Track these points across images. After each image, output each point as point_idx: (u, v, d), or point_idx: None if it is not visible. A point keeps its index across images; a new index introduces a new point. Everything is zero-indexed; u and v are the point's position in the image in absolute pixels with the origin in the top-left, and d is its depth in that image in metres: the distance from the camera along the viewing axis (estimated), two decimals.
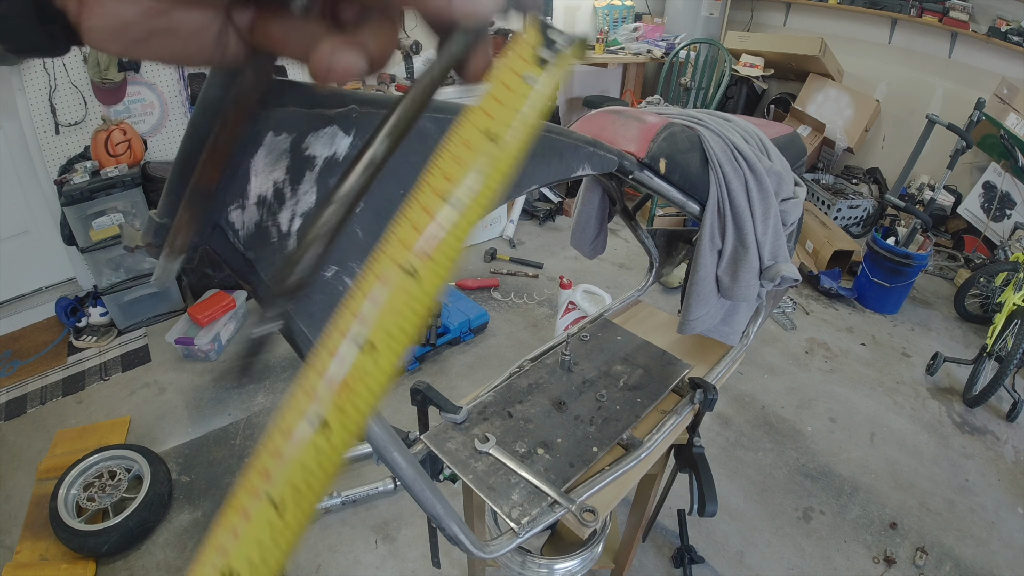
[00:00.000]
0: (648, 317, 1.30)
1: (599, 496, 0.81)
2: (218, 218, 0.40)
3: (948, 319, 3.04)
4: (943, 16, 3.63)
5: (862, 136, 4.03)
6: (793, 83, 4.56)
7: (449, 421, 0.90)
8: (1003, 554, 1.74)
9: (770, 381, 2.45)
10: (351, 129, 0.44)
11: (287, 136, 0.41)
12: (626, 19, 4.50)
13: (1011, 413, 2.30)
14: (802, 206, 1.02)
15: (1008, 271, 2.77)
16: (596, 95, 4.53)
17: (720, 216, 0.90)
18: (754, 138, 0.96)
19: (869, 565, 1.68)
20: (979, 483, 1.99)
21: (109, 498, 1.70)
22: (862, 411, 2.31)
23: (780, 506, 1.85)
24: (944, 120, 2.88)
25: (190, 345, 2.37)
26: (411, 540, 1.68)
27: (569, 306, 2.40)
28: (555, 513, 0.76)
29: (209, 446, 2.00)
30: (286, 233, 0.43)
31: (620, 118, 0.89)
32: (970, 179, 3.66)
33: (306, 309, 0.46)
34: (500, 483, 0.79)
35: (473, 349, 2.56)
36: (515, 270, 3.25)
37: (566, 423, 0.91)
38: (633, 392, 0.99)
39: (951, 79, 3.80)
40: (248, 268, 0.42)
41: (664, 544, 1.71)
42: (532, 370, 1.04)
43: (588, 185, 1.09)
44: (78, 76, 2.50)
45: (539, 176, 0.62)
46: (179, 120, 2.80)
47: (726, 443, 2.10)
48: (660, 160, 0.84)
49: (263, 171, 0.41)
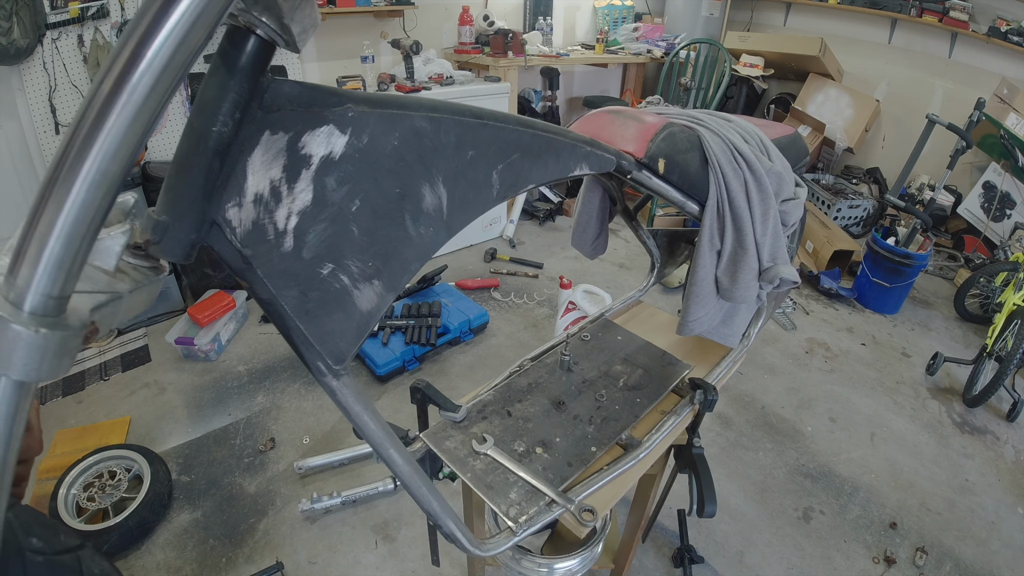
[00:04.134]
0: (649, 318, 1.30)
1: (597, 495, 0.81)
2: (215, 215, 0.41)
3: (948, 319, 3.04)
4: (943, 16, 3.63)
5: (862, 136, 4.03)
6: (793, 83, 4.56)
7: (448, 420, 0.90)
8: (1003, 554, 1.74)
9: (770, 381, 2.45)
10: (347, 128, 0.44)
11: (283, 135, 0.41)
12: (626, 19, 4.50)
13: (1011, 413, 2.30)
14: (803, 207, 1.02)
15: (1008, 271, 2.77)
16: (596, 95, 4.53)
17: (719, 217, 0.89)
18: (754, 138, 0.96)
19: (869, 565, 1.68)
20: (979, 483, 1.99)
21: (109, 498, 1.70)
22: (862, 411, 2.31)
23: (780, 506, 1.85)
24: (944, 120, 2.88)
25: (190, 345, 2.37)
26: (411, 540, 1.68)
27: (569, 306, 2.40)
28: (553, 512, 0.76)
29: (209, 446, 2.00)
30: (283, 231, 0.44)
31: (619, 118, 0.89)
32: (970, 179, 3.66)
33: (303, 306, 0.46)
34: (498, 482, 0.79)
35: (473, 349, 2.56)
36: (515, 270, 3.25)
37: (565, 423, 0.91)
38: (633, 392, 0.99)
39: (951, 79, 3.80)
40: (246, 265, 0.43)
41: (664, 544, 1.71)
42: (532, 369, 1.04)
43: (588, 185, 1.09)
44: (78, 76, 2.50)
45: (536, 175, 0.62)
46: (178, 119, 2.80)
47: (726, 443, 2.10)
48: (659, 160, 0.83)
49: (260, 169, 0.41)
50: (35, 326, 0.30)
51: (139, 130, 0.29)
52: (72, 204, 0.29)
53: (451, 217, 0.54)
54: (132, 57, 0.28)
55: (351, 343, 0.49)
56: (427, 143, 0.50)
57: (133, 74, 0.28)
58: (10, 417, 0.32)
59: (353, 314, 0.49)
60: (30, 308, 0.30)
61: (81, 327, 0.33)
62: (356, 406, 0.53)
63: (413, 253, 0.52)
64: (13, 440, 0.33)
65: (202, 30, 0.29)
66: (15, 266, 0.30)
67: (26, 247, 0.30)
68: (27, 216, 0.30)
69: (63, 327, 0.31)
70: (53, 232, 0.29)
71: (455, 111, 0.52)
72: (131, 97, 0.28)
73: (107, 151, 0.29)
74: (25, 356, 0.30)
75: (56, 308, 0.31)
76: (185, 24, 0.28)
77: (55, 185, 0.29)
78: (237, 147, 0.40)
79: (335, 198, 0.45)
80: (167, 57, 0.28)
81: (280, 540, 1.67)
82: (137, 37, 0.28)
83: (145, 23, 0.28)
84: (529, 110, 3.98)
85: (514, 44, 3.39)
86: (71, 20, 2.40)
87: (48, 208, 0.29)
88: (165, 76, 0.29)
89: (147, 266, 0.44)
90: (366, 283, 0.49)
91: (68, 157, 0.29)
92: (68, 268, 0.31)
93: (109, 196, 0.30)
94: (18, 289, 0.30)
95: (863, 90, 4.11)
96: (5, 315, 0.29)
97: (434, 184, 0.52)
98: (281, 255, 0.44)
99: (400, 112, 0.47)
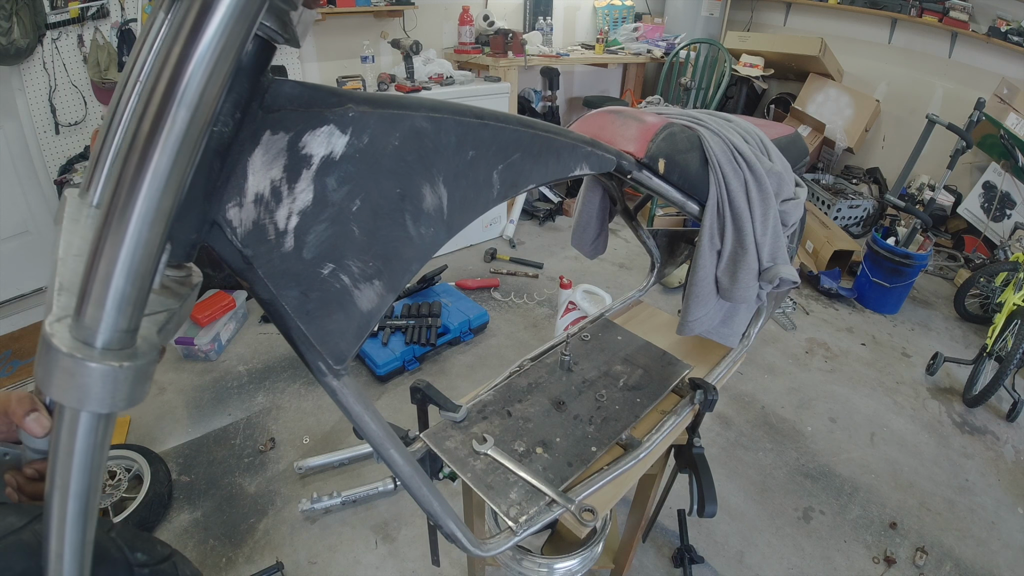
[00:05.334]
0: (649, 318, 1.30)
1: (597, 495, 0.81)
2: (216, 215, 0.41)
3: (948, 319, 3.04)
4: (943, 16, 3.64)
5: (862, 136, 4.03)
6: (793, 83, 4.56)
7: (448, 420, 0.90)
8: (1003, 554, 1.74)
9: (770, 381, 2.45)
10: (347, 128, 0.44)
11: (284, 135, 0.41)
12: (626, 19, 4.50)
13: (1011, 413, 2.30)
14: (803, 207, 1.02)
15: (1008, 271, 2.77)
16: (596, 95, 4.54)
17: (719, 217, 0.89)
18: (755, 138, 0.96)
19: (869, 565, 1.68)
20: (979, 483, 1.99)
21: (109, 498, 1.70)
22: (862, 411, 2.31)
23: (780, 506, 1.85)
24: (944, 120, 2.88)
25: (190, 345, 2.37)
26: (411, 540, 1.68)
27: (569, 306, 2.40)
28: (553, 512, 0.76)
29: (209, 446, 2.00)
30: (283, 231, 0.43)
31: (619, 118, 0.89)
32: (970, 179, 3.66)
33: (303, 307, 0.46)
34: (498, 482, 0.79)
35: (473, 349, 2.56)
36: (515, 270, 3.25)
37: (565, 423, 0.91)
38: (633, 392, 0.99)
39: (951, 79, 3.80)
40: (246, 265, 0.43)
41: (664, 544, 1.71)
42: (532, 369, 1.04)
43: (589, 185, 1.09)
44: (78, 76, 2.50)
45: (536, 175, 0.62)
46: None
47: (726, 443, 2.10)
48: (659, 160, 0.83)
49: (260, 169, 0.41)
50: (113, 360, 0.31)
51: (183, 166, 0.30)
52: (132, 243, 0.30)
53: (452, 217, 0.54)
54: (165, 94, 0.29)
55: (352, 343, 0.49)
56: (428, 143, 0.50)
57: (170, 112, 0.29)
58: (97, 448, 0.35)
59: (354, 314, 0.49)
60: (103, 344, 0.32)
61: (154, 351, 0.34)
62: (356, 406, 0.53)
63: (414, 253, 0.52)
64: (101, 469, 0.36)
65: (227, 65, 0.30)
66: (81, 307, 0.31)
67: (90, 288, 0.31)
68: (87, 257, 0.31)
69: (139, 356, 0.33)
70: (115, 272, 0.31)
71: (456, 111, 0.52)
72: (170, 136, 0.29)
73: (156, 188, 0.30)
74: (105, 389, 0.31)
75: (130, 340, 0.33)
76: (210, 60, 0.29)
77: (111, 227, 0.30)
78: (238, 147, 0.40)
79: (336, 198, 0.45)
80: (198, 92, 0.29)
81: (280, 540, 1.67)
82: (168, 76, 0.28)
83: (172, 63, 0.28)
84: (529, 110, 3.98)
85: (514, 44, 3.39)
86: (71, 20, 2.40)
87: (107, 249, 0.30)
88: (200, 112, 0.30)
89: (182, 276, 0.45)
90: (367, 283, 0.49)
91: (119, 198, 0.30)
92: (135, 301, 0.32)
93: (165, 230, 0.32)
94: (87, 328, 0.31)
95: (863, 90, 4.11)
96: (79, 355, 0.30)
97: (435, 184, 0.51)
98: (282, 255, 0.44)
99: (401, 112, 0.47)
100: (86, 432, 0.33)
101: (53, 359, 0.30)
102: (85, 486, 0.35)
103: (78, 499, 0.36)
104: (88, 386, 0.31)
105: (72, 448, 0.34)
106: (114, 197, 0.30)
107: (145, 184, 0.29)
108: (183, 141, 0.29)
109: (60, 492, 0.35)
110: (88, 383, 0.31)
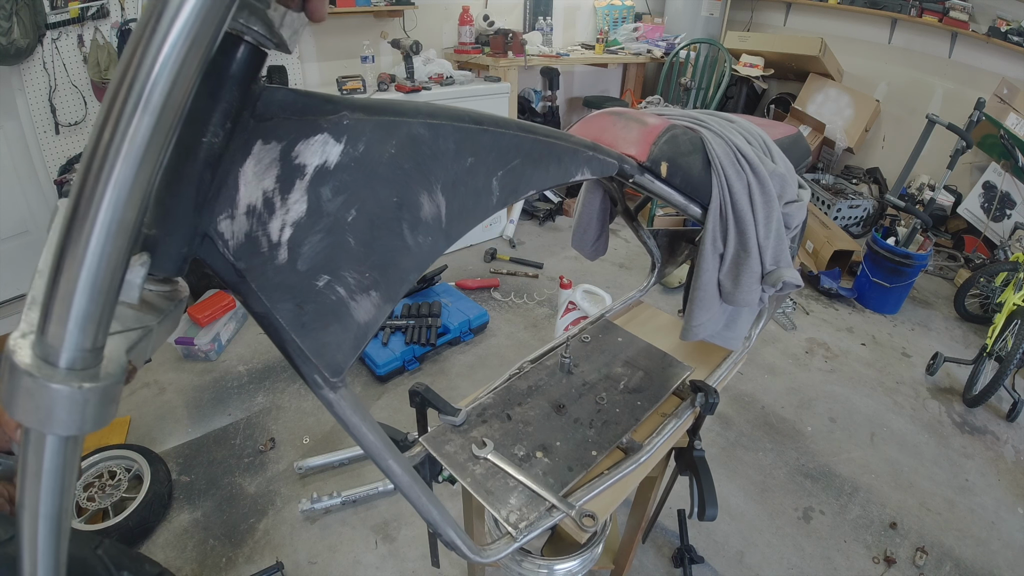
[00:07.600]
0: (650, 318, 1.29)
1: (598, 500, 0.81)
2: (207, 228, 0.40)
3: (948, 319, 3.04)
4: (943, 16, 3.63)
5: (862, 136, 4.03)
6: (793, 83, 4.55)
7: (448, 423, 0.89)
8: (1003, 554, 1.74)
9: (770, 381, 2.45)
10: (342, 136, 0.43)
11: (276, 144, 0.41)
12: (626, 19, 4.49)
13: (1011, 413, 2.30)
14: (806, 209, 1.01)
15: (1008, 271, 2.77)
16: (596, 95, 4.53)
17: (722, 220, 0.88)
18: (757, 139, 0.95)
19: (869, 565, 1.68)
20: (979, 483, 1.99)
21: (109, 498, 1.70)
22: (862, 411, 2.31)
23: (780, 506, 1.85)
24: (944, 120, 2.88)
25: (190, 345, 2.37)
26: (411, 540, 1.68)
27: (569, 306, 2.40)
28: (553, 518, 0.75)
29: (209, 446, 2.00)
30: (277, 243, 0.43)
31: (621, 120, 0.89)
32: (970, 179, 3.66)
33: (299, 319, 0.45)
34: (498, 487, 0.79)
35: (473, 349, 2.56)
36: (515, 270, 3.25)
37: (565, 426, 0.91)
38: (633, 395, 0.98)
39: (951, 79, 3.80)
40: (239, 278, 0.42)
41: (664, 544, 1.71)
42: (532, 372, 1.03)
43: (589, 187, 1.09)
44: (78, 76, 2.50)
45: (537, 181, 0.61)
46: None
47: (726, 443, 2.10)
48: (661, 163, 0.83)
49: (252, 180, 0.40)
50: (74, 382, 0.29)
51: (146, 175, 0.28)
52: (93, 257, 0.29)
53: (450, 225, 0.53)
54: (125, 99, 0.27)
55: (348, 355, 0.48)
56: (425, 150, 0.49)
57: (133, 118, 0.27)
58: (62, 471, 0.33)
59: (350, 326, 0.48)
60: (67, 364, 0.30)
61: (120, 372, 0.33)
62: (354, 418, 0.52)
63: (411, 263, 0.51)
64: (69, 491, 0.35)
65: (193, 67, 0.28)
66: (44, 324, 0.30)
67: (52, 304, 0.29)
68: (47, 273, 0.30)
69: (103, 377, 0.31)
70: (77, 289, 0.29)
71: (454, 117, 0.51)
72: (132, 143, 0.27)
73: (118, 199, 0.28)
74: (69, 412, 0.30)
75: (93, 359, 0.31)
76: (175, 63, 0.27)
77: (72, 240, 0.28)
78: (229, 157, 0.39)
79: (330, 208, 0.44)
80: (162, 96, 0.27)
81: (280, 540, 1.67)
82: (129, 80, 0.27)
83: (134, 66, 0.27)
84: (529, 110, 3.97)
85: (514, 44, 3.39)
86: (71, 20, 2.40)
87: (68, 264, 0.29)
88: (164, 117, 0.28)
89: (168, 291, 0.43)
90: (363, 294, 0.48)
91: (79, 210, 0.28)
92: (98, 319, 0.30)
93: (128, 243, 0.30)
94: (50, 347, 0.30)
95: (863, 90, 4.10)
96: (39, 375, 0.29)
97: (432, 192, 0.50)
98: (275, 268, 0.43)
99: (397, 119, 0.46)
100: (52, 454, 0.32)
101: (15, 377, 0.29)
102: (55, 508, 0.34)
103: (48, 520, 0.34)
104: (50, 407, 0.29)
105: (39, 469, 0.32)
106: (75, 209, 0.28)
107: (107, 195, 0.27)
108: (147, 149, 0.28)
109: (30, 513, 0.34)
110: (50, 404, 0.29)
